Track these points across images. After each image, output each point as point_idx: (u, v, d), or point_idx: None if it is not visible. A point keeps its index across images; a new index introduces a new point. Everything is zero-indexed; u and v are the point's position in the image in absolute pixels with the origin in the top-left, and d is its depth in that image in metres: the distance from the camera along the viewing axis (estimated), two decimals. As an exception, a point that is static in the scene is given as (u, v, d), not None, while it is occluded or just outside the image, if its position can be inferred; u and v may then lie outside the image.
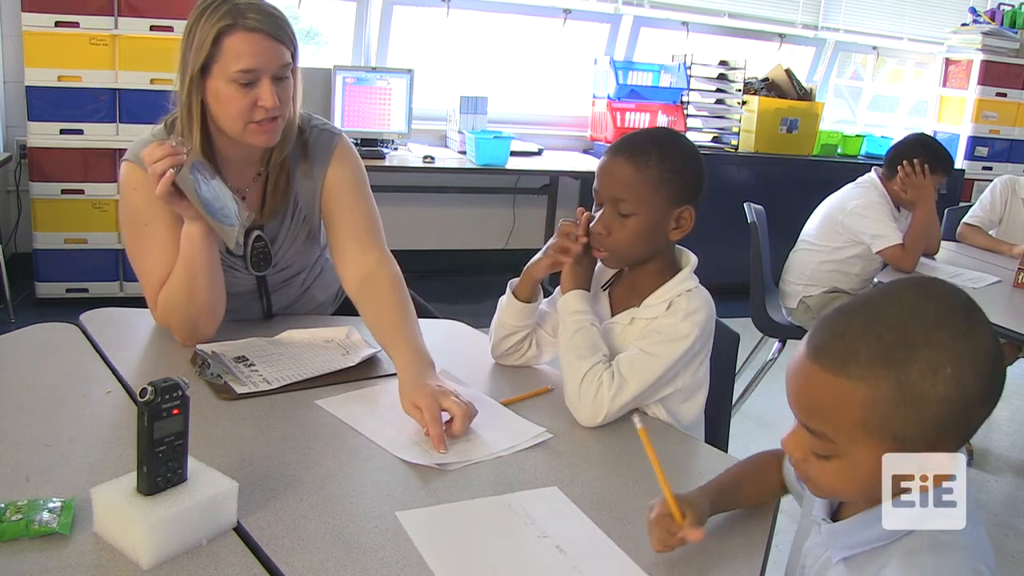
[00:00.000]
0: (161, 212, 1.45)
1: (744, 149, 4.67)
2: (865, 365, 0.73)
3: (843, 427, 0.77)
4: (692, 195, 1.37)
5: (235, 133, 1.44)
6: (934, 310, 0.74)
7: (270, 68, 1.40)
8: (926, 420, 0.74)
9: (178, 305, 1.46)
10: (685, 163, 1.37)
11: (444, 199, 4.49)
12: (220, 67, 1.38)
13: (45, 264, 3.48)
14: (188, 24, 1.40)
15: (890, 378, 0.73)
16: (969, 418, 0.77)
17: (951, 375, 0.73)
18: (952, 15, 5.36)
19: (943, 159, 2.88)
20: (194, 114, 1.42)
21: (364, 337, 1.53)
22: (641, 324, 1.39)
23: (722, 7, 4.84)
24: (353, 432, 1.24)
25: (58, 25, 3.25)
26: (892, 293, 0.78)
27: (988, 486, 2.88)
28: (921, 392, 0.73)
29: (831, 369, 0.75)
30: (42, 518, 0.92)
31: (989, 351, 0.75)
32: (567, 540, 1.01)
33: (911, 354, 0.73)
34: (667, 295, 1.38)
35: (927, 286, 0.78)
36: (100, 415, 1.23)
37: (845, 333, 0.75)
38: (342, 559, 0.94)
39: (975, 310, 0.77)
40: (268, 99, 1.39)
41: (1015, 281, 2.72)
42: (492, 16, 4.54)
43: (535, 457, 1.22)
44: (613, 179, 1.35)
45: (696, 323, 1.35)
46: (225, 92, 1.39)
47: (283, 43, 1.41)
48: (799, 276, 3.02)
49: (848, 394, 0.75)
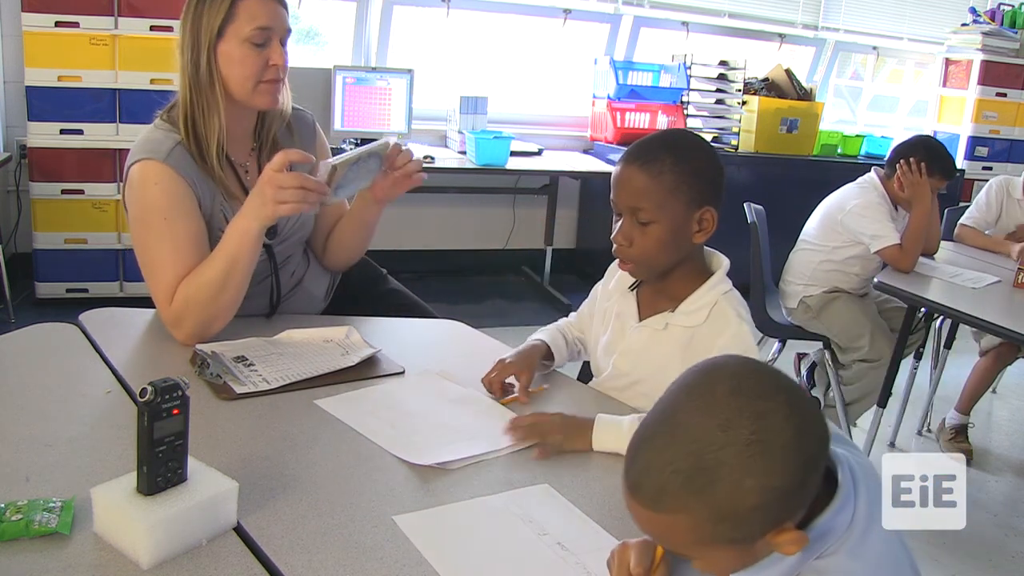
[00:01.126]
0: (181, 207, 1.47)
1: (744, 149, 4.67)
2: (675, 497, 0.75)
3: (682, 549, 0.79)
4: (712, 195, 1.34)
5: (244, 94, 1.53)
6: (717, 427, 0.74)
7: (280, 29, 1.53)
8: (753, 522, 0.75)
9: (201, 302, 1.45)
10: (700, 163, 1.35)
11: (444, 199, 4.49)
12: (234, 29, 1.49)
13: (45, 264, 3.48)
14: (193, 2, 1.50)
15: (700, 505, 0.74)
16: (802, 492, 0.77)
17: (753, 485, 0.73)
18: (952, 15, 5.36)
19: (944, 162, 2.87)
20: (215, 76, 1.51)
21: (363, 337, 1.53)
22: (678, 332, 1.37)
23: (722, 7, 4.84)
24: (353, 432, 1.24)
25: (58, 25, 3.25)
26: (680, 409, 0.77)
27: (988, 486, 2.88)
28: (733, 508, 0.74)
29: (650, 507, 0.77)
30: (42, 518, 0.92)
31: (784, 440, 0.74)
32: (567, 537, 1.02)
33: (710, 479, 0.73)
34: (704, 300, 1.36)
35: (708, 393, 0.76)
36: (100, 415, 1.23)
37: (650, 468, 0.76)
38: (342, 559, 0.94)
39: (760, 398, 0.75)
40: (279, 57, 1.52)
41: (1015, 281, 2.72)
42: (492, 16, 4.54)
43: (524, 455, 1.22)
44: (629, 189, 1.32)
45: (749, 322, 1.36)
46: (239, 52, 1.50)
47: (286, 9, 1.55)
48: (799, 276, 3.02)
49: (674, 525, 0.77)
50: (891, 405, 2.80)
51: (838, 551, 0.80)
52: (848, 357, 2.87)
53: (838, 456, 0.83)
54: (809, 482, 0.76)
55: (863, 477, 0.83)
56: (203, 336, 1.47)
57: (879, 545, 0.81)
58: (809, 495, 0.78)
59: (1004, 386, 3.71)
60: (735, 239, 3.43)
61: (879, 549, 0.81)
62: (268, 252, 1.62)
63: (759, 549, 0.79)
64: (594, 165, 4.34)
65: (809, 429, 0.76)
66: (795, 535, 0.77)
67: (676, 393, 0.79)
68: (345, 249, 1.77)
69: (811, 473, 0.76)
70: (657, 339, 1.39)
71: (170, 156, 1.48)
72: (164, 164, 1.47)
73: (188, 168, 1.50)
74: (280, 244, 1.65)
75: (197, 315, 1.46)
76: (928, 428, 3.23)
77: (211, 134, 1.52)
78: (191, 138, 1.52)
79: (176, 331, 1.48)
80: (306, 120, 1.74)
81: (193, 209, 1.49)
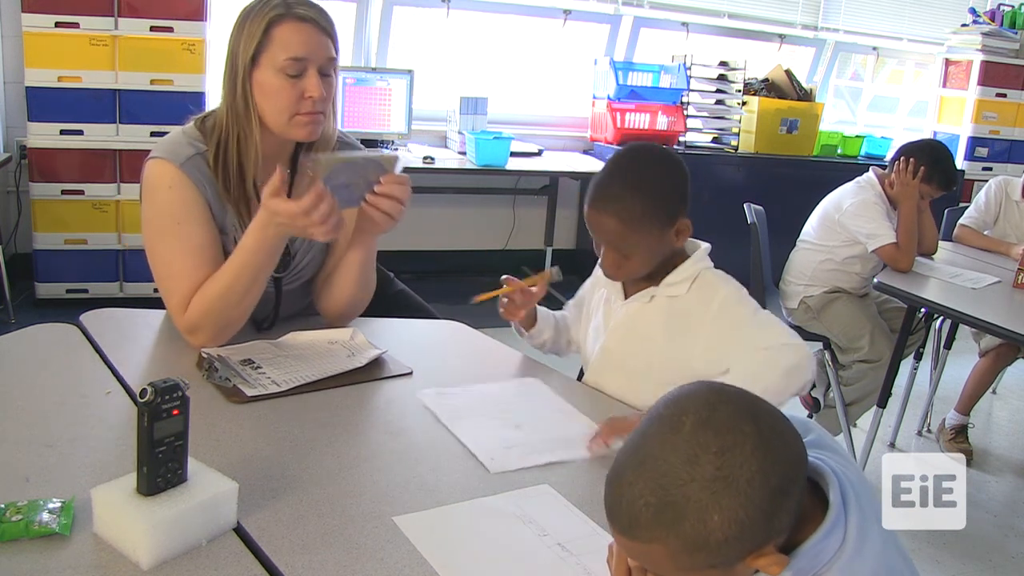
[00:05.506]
0: (193, 213, 1.45)
1: (744, 150, 4.67)
2: (647, 529, 0.76)
3: (662, 569, 0.80)
4: (681, 204, 1.39)
5: (279, 126, 1.45)
6: (682, 462, 0.74)
7: (317, 59, 1.43)
8: (727, 550, 0.75)
9: (221, 309, 1.43)
10: (662, 182, 1.38)
11: (444, 200, 4.49)
12: (269, 56, 1.41)
13: (45, 264, 3.48)
14: (238, 19, 1.44)
15: (672, 536, 0.75)
16: (776, 519, 0.76)
17: (721, 520, 0.73)
18: (952, 16, 5.36)
19: (944, 172, 2.84)
20: (251, 105, 1.44)
21: (368, 338, 1.53)
22: (662, 302, 1.43)
23: (722, 7, 4.84)
24: (353, 432, 1.24)
25: (58, 26, 3.25)
26: (649, 441, 0.78)
27: (988, 486, 2.88)
28: (704, 539, 0.74)
29: (626, 535, 0.78)
30: (42, 519, 0.92)
31: (750, 475, 0.74)
32: (567, 538, 1.02)
33: (678, 513, 0.74)
34: (687, 273, 1.42)
35: (676, 426, 0.76)
36: (100, 416, 1.23)
37: (622, 499, 0.77)
38: (342, 559, 0.94)
39: (727, 431, 0.75)
40: (315, 89, 1.42)
41: (1015, 281, 2.72)
42: (492, 16, 4.54)
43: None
44: (602, 232, 1.39)
45: (736, 283, 1.42)
46: (272, 83, 1.42)
47: (330, 38, 1.45)
48: (800, 276, 3.02)
49: (652, 554, 0.78)
50: (891, 405, 2.80)
51: (830, 571, 0.80)
52: (848, 357, 2.88)
53: (829, 472, 0.83)
54: (782, 509, 0.76)
55: (854, 495, 0.83)
56: (218, 342, 1.46)
57: (872, 562, 0.81)
58: (786, 520, 0.77)
59: (1004, 386, 3.71)
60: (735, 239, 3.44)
61: (873, 567, 0.81)
62: (276, 286, 1.57)
63: (741, 572, 0.79)
64: (594, 166, 4.34)
65: (779, 458, 0.75)
66: (774, 558, 0.77)
67: (648, 423, 0.79)
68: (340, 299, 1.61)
69: (783, 501, 0.76)
70: (643, 312, 1.45)
71: (187, 163, 1.45)
72: (179, 170, 1.44)
73: (203, 178, 1.46)
74: (293, 275, 1.60)
75: (218, 320, 1.44)
76: (928, 428, 3.23)
77: (247, 162, 1.47)
78: (219, 162, 1.47)
79: (192, 338, 1.46)
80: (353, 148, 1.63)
81: (206, 216, 1.46)
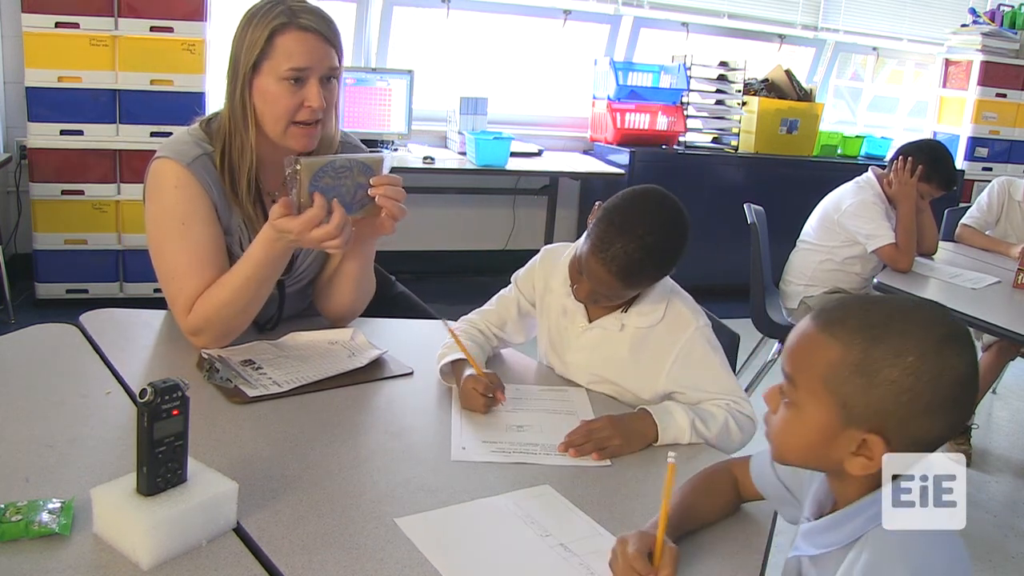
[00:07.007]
0: (198, 213, 1.44)
1: (744, 150, 4.67)
2: (846, 329, 0.83)
3: (808, 376, 0.85)
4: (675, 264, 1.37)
5: (276, 134, 1.46)
6: (923, 318, 0.82)
7: (319, 68, 1.43)
8: (871, 399, 0.80)
9: (226, 316, 1.43)
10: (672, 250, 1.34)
11: (444, 200, 4.49)
12: (271, 65, 1.41)
13: (45, 265, 3.48)
14: (241, 22, 1.43)
15: (860, 346, 0.81)
16: (910, 419, 0.80)
17: (910, 364, 0.79)
18: (952, 16, 5.36)
19: (942, 172, 2.84)
20: (248, 110, 1.44)
21: (368, 339, 1.53)
22: (632, 331, 1.41)
23: (722, 8, 4.84)
24: (353, 433, 1.24)
25: (58, 26, 3.25)
26: (904, 299, 0.88)
27: (988, 486, 2.88)
28: (878, 368, 0.80)
29: (820, 327, 0.85)
30: (42, 519, 0.92)
31: (957, 372, 0.80)
32: (570, 539, 1.02)
33: (886, 334, 0.81)
34: (657, 300, 1.41)
35: (934, 306, 0.85)
36: (100, 416, 1.23)
37: (846, 304, 0.86)
38: (342, 560, 0.94)
39: (962, 338, 0.82)
40: (315, 99, 1.42)
41: (1015, 281, 2.72)
42: (492, 16, 4.54)
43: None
44: (598, 282, 1.34)
45: (703, 314, 1.42)
46: (273, 90, 1.42)
47: (333, 47, 1.45)
48: (800, 276, 3.02)
49: (823, 350, 0.83)
50: (891, 406, 2.79)
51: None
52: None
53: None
54: (925, 423, 0.80)
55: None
56: (222, 343, 1.46)
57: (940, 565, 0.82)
58: (912, 435, 0.81)
59: (1004, 386, 3.71)
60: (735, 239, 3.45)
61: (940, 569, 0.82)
62: (279, 289, 1.58)
63: (841, 443, 0.83)
64: (594, 166, 4.34)
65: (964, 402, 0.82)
66: (874, 461, 0.81)
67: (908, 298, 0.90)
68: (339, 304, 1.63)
69: (935, 417, 0.80)
70: (614, 340, 1.43)
71: (194, 163, 1.45)
72: (186, 169, 1.44)
73: (209, 179, 1.46)
74: (294, 280, 1.61)
75: (218, 328, 1.44)
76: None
77: (242, 165, 1.47)
78: (224, 165, 1.47)
79: (195, 339, 1.46)
80: (355, 148, 1.65)
81: (211, 216, 1.46)
